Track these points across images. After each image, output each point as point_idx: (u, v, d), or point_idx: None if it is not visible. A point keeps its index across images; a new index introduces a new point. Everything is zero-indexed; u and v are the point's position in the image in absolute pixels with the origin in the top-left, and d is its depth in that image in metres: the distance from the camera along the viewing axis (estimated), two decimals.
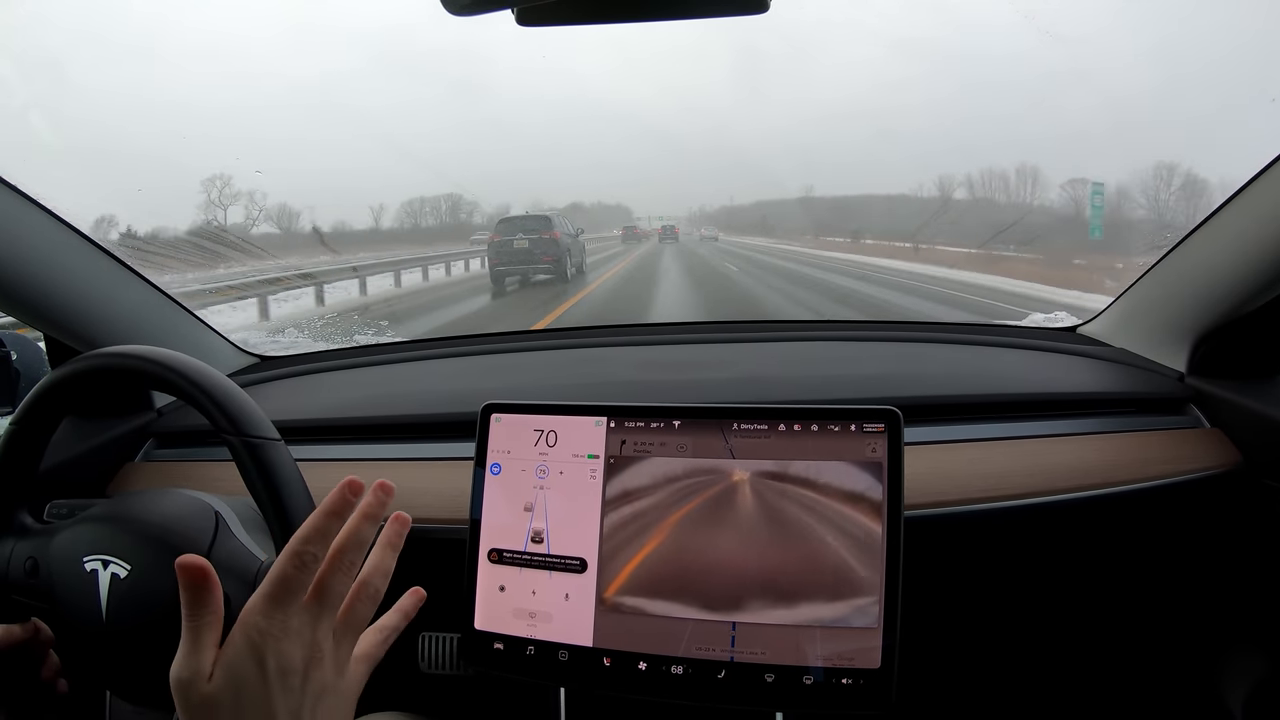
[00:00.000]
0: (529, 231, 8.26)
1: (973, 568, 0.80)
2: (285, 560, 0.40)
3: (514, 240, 8.19)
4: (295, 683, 0.39)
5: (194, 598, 0.39)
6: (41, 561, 0.58)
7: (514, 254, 8.14)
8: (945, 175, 16.12)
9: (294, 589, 0.40)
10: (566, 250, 8.65)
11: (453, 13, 0.49)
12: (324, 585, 0.41)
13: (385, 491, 0.43)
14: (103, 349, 0.60)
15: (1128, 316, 0.98)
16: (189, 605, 0.39)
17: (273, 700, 0.39)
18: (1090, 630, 0.88)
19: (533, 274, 8.30)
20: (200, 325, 1.02)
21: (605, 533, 0.61)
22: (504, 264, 8.21)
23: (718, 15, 0.56)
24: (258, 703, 0.38)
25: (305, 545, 0.40)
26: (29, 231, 0.76)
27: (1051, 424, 0.83)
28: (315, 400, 0.99)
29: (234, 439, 0.55)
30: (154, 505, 0.59)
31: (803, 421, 0.60)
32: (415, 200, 18.34)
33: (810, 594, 0.57)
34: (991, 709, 0.93)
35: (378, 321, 5.97)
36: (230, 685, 0.38)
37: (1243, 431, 0.79)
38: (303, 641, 0.40)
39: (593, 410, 0.64)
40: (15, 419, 0.60)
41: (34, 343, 0.88)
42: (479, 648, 0.63)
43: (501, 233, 8.40)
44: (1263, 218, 0.71)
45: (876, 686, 0.56)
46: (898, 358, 1.05)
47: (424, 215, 18.69)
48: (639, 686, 0.59)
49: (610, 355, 1.11)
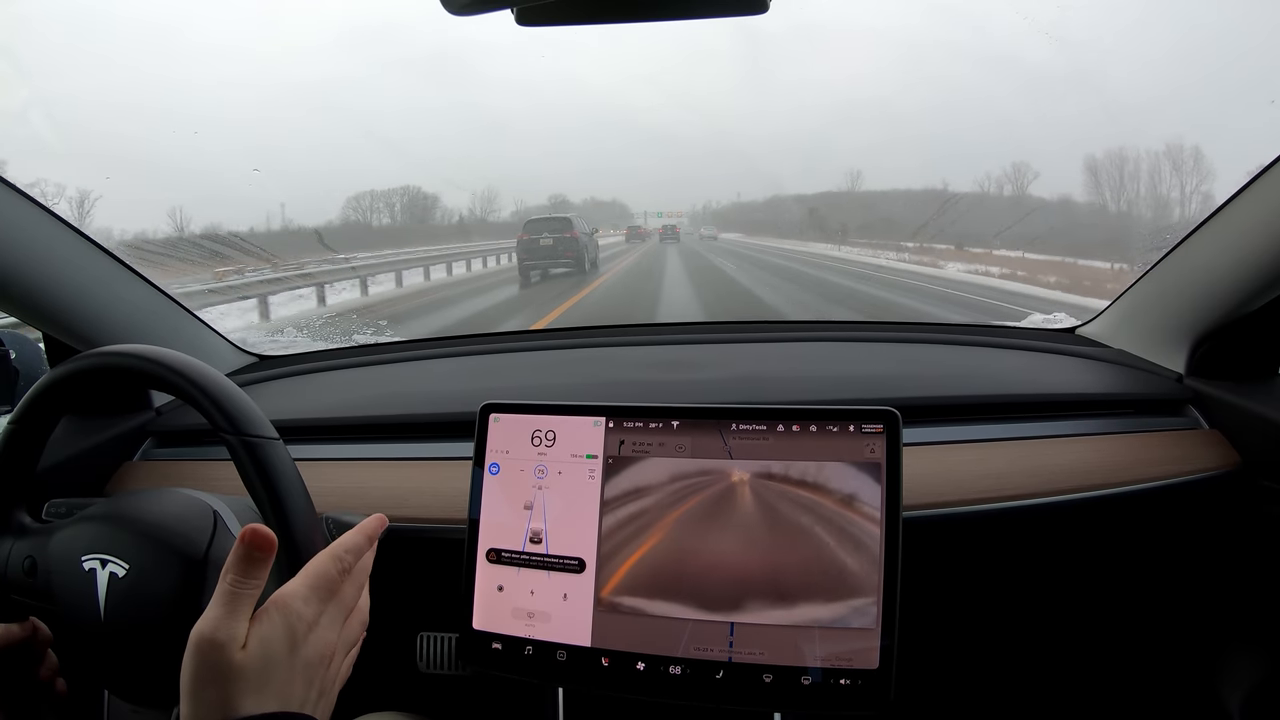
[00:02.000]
0: (553, 231, 9.44)
1: (970, 568, 0.80)
2: (328, 560, 0.44)
3: (540, 238, 9.36)
4: (315, 674, 0.41)
5: (250, 566, 0.40)
6: (40, 561, 0.58)
7: (540, 250, 9.27)
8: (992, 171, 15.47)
9: (332, 587, 0.43)
10: (584, 247, 9.81)
11: (452, 12, 0.49)
12: (345, 592, 0.45)
13: (383, 524, 0.51)
14: (101, 348, 0.60)
15: (1126, 317, 0.98)
16: (241, 569, 0.40)
17: (294, 684, 0.40)
18: (1089, 630, 0.88)
19: (555, 268, 9.37)
20: (199, 324, 1.02)
21: (604, 533, 0.61)
22: (531, 259, 9.29)
23: (717, 15, 0.56)
24: (280, 684, 0.39)
25: (347, 553, 0.45)
26: (28, 230, 0.76)
27: (1050, 425, 0.83)
28: (314, 400, 0.99)
29: (233, 438, 0.55)
30: (152, 504, 0.59)
31: (801, 422, 0.60)
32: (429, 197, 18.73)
33: (809, 594, 0.57)
34: (990, 709, 0.93)
35: (421, 312, 6.74)
36: (262, 659, 0.39)
37: (1241, 432, 0.79)
38: (328, 639, 0.43)
39: (591, 410, 0.64)
40: (14, 418, 0.60)
41: (33, 341, 0.88)
42: (477, 648, 0.63)
43: (529, 232, 9.54)
44: (1261, 219, 0.71)
45: (874, 687, 0.56)
46: (896, 358, 1.05)
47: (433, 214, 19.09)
48: (637, 686, 0.59)
49: (609, 355, 1.11)
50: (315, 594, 0.42)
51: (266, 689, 0.38)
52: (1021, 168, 13.06)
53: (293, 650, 0.40)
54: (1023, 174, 13.19)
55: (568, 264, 9.46)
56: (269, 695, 0.39)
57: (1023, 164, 12.81)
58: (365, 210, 17.43)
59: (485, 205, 23.06)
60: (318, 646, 0.42)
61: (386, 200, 18.83)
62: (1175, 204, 8.12)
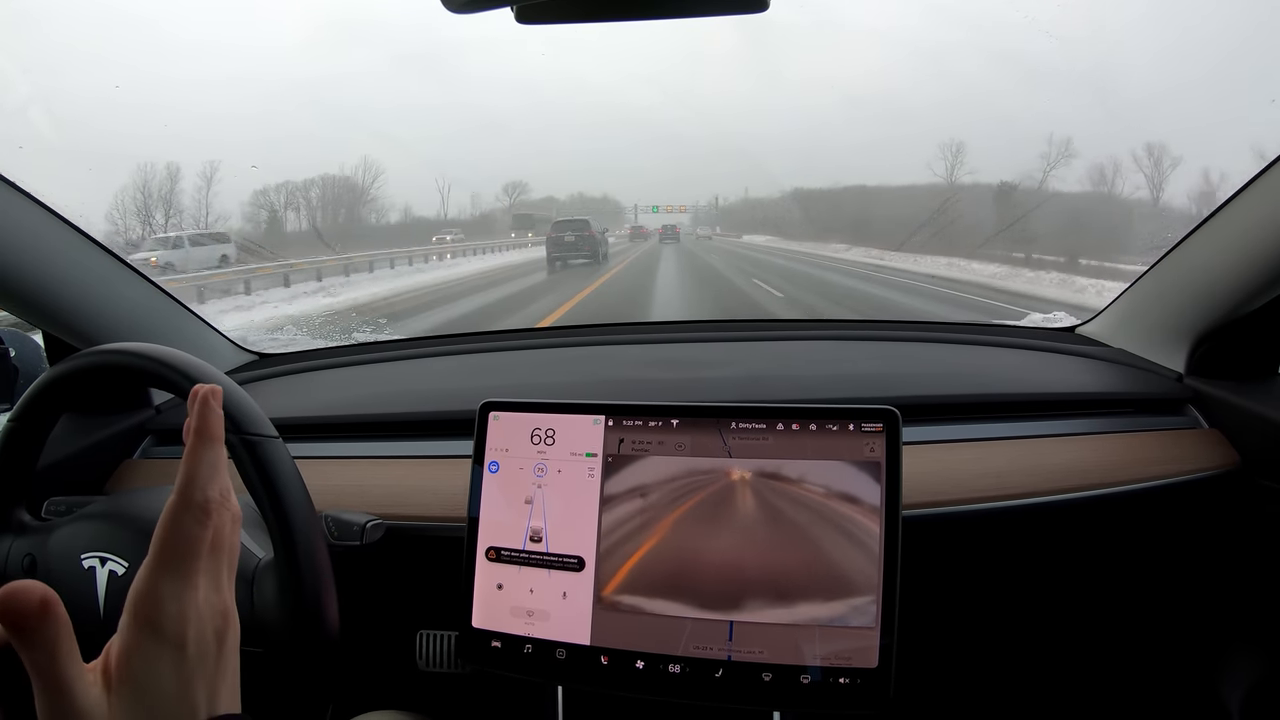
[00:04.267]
0: (575, 230, 12.31)
1: (970, 567, 0.80)
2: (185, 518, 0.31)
3: (565, 235, 12.23)
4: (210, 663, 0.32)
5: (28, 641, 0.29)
6: (39, 558, 0.58)
7: (564, 245, 12.07)
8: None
9: (197, 553, 0.31)
10: (598, 243, 12.65)
11: (452, 10, 0.49)
12: (221, 535, 0.32)
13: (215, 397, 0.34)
14: (101, 346, 0.60)
15: (1126, 317, 0.98)
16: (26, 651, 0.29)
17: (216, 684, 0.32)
18: (1088, 630, 0.88)
19: (575, 259, 11.90)
20: (199, 322, 1.02)
21: (603, 531, 0.61)
22: (557, 252, 12.02)
23: (717, 14, 0.56)
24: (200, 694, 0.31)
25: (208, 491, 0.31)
26: (28, 228, 0.76)
27: (1050, 424, 0.83)
28: (313, 398, 0.99)
29: (232, 437, 0.55)
30: (152, 502, 0.60)
31: (801, 421, 0.60)
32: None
33: (808, 593, 0.57)
34: (989, 709, 0.93)
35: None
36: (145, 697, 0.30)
37: (1241, 432, 0.79)
38: (214, 610, 0.32)
39: (591, 409, 0.63)
40: (13, 416, 0.60)
41: (32, 339, 0.88)
42: (477, 646, 0.63)
43: (555, 231, 12.49)
44: (1262, 219, 0.71)
45: (874, 686, 0.56)
46: (896, 357, 1.05)
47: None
48: (636, 685, 0.59)
49: (609, 354, 1.11)
50: (179, 575, 0.30)
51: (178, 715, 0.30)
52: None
53: (179, 660, 0.30)
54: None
55: (586, 256, 12.09)
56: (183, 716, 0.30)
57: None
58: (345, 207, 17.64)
59: (477, 203, 23.45)
60: (204, 631, 0.31)
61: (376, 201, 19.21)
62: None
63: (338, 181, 16.50)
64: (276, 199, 14.35)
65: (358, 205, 16.79)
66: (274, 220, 14.36)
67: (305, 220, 15.39)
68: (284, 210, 14.59)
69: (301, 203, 15.21)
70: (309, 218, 15.45)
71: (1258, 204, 0.72)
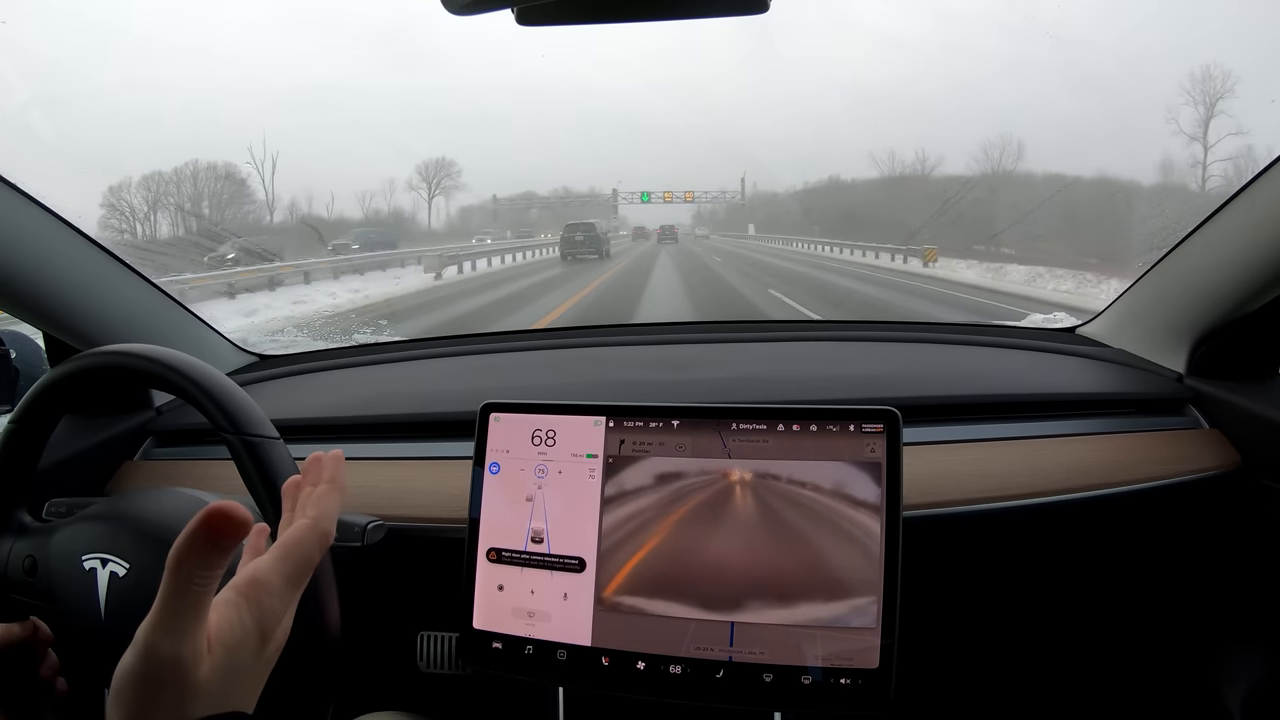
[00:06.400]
0: (583, 231, 15.55)
1: (970, 568, 0.80)
2: (311, 537, 0.37)
3: (575, 235, 15.42)
4: (270, 667, 0.36)
5: (215, 555, 0.31)
6: (40, 560, 0.58)
7: (575, 243, 15.24)
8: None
9: (311, 569, 0.37)
10: (603, 241, 15.94)
11: (453, 12, 0.49)
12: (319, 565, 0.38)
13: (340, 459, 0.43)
14: (102, 347, 0.60)
15: (1127, 317, 0.98)
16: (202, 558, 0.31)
17: (253, 688, 0.35)
18: (1089, 630, 0.88)
19: (583, 255, 15.03)
20: (199, 324, 1.02)
21: (604, 532, 0.61)
22: (569, 249, 15.17)
23: (717, 15, 0.56)
24: (240, 692, 0.34)
25: (327, 520, 0.38)
26: (28, 229, 0.76)
27: (1050, 424, 0.83)
28: (314, 399, 0.99)
29: (233, 437, 0.55)
30: (153, 504, 0.60)
31: (801, 421, 0.60)
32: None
33: (809, 594, 0.57)
34: (990, 709, 0.93)
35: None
36: (226, 671, 0.33)
37: (1241, 432, 0.79)
38: (288, 625, 0.37)
39: (591, 410, 0.63)
40: (14, 417, 0.60)
41: (33, 341, 0.88)
42: (478, 647, 0.63)
43: (567, 232, 15.71)
44: (1262, 219, 0.71)
45: (875, 686, 0.56)
46: (896, 358, 1.05)
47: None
48: (637, 686, 0.59)
49: (609, 355, 1.12)
50: (292, 582, 0.35)
51: (225, 699, 0.32)
52: None
53: (260, 651, 0.34)
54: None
55: (592, 252, 15.17)
56: (223, 704, 0.32)
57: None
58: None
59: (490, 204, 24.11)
60: (281, 639, 0.36)
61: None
62: None
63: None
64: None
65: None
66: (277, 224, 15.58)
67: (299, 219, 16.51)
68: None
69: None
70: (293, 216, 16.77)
71: (1258, 204, 0.72)
